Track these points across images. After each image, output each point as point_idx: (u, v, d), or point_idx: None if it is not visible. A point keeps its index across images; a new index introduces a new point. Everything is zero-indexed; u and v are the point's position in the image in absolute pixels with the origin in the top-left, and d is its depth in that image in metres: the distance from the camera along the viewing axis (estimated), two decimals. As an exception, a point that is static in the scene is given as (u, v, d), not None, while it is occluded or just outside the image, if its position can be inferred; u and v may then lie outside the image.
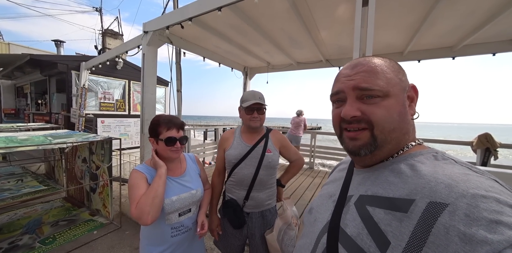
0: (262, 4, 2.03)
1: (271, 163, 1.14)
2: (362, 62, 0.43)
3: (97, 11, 9.93)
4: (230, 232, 1.17)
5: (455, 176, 0.31)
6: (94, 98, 5.50)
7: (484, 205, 0.26)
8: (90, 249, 2.03)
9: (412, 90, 0.43)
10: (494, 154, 3.00)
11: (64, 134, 2.49)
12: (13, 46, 8.63)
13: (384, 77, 0.40)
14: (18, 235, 2.21)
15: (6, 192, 2.51)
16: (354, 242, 0.35)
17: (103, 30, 7.21)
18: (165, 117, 1.01)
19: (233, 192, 1.18)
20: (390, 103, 0.40)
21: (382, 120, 0.39)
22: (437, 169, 0.34)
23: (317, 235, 0.44)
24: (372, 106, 0.40)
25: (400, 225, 0.31)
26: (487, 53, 2.91)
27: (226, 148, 1.21)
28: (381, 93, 0.40)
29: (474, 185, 0.29)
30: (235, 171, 1.15)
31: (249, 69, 4.80)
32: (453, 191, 0.29)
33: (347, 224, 0.38)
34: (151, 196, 0.84)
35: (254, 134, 1.20)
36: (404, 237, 0.30)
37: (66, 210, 2.81)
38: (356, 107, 0.41)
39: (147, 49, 2.64)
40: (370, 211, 0.36)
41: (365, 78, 0.41)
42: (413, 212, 0.30)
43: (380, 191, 0.37)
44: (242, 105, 1.16)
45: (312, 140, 4.77)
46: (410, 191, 0.33)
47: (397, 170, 0.38)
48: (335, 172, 0.59)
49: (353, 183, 0.45)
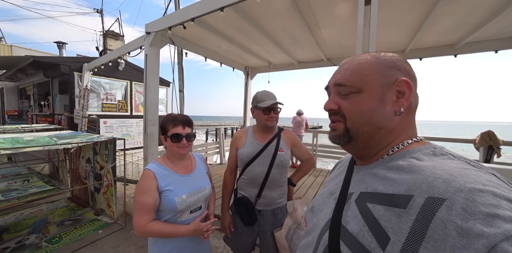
0: (264, 4, 2.04)
1: (283, 162, 1.16)
2: (348, 60, 0.46)
3: (98, 13, 9.99)
4: (242, 229, 1.19)
5: (453, 170, 0.31)
6: (96, 99, 5.54)
7: (481, 199, 0.26)
8: (96, 248, 2.06)
9: (404, 85, 0.41)
10: (497, 152, 2.99)
11: (69, 135, 2.51)
12: (15, 48, 8.69)
13: (360, 73, 0.42)
14: (25, 235, 2.23)
15: (14, 192, 2.54)
16: (356, 239, 0.36)
17: (104, 32, 7.25)
18: (173, 115, 1.03)
19: (245, 190, 1.20)
20: (362, 98, 0.42)
21: (352, 114, 0.43)
22: (435, 164, 0.34)
23: (319, 232, 0.45)
24: (345, 101, 0.44)
25: (399, 221, 0.31)
26: (490, 50, 2.91)
27: (239, 147, 1.23)
28: (354, 88, 0.42)
29: (472, 179, 0.29)
30: (248, 169, 1.17)
31: (250, 69, 4.81)
32: (450, 185, 0.29)
33: (348, 221, 0.39)
34: (158, 234, 0.90)
35: (267, 133, 1.22)
36: (404, 233, 0.30)
37: (71, 210, 2.84)
38: (334, 101, 0.45)
39: (149, 50, 2.66)
40: (371, 208, 0.36)
41: (343, 75, 0.44)
42: (411, 208, 0.31)
43: (379, 188, 0.38)
44: (258, 105, 1.16)
45: (314, 139, 4.78)
46: (409, 187, 0.33)
47: (396, 166, 0.39)
48: (336, 170, 0.60)
49: (353, 181, 0.46)
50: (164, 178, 0.96)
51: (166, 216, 0.96)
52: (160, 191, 0.94)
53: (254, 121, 1.31)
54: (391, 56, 0.44)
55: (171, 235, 0.93)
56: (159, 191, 0.93)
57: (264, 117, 1.16)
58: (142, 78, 2.73)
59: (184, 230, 0.93)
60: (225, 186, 1.26)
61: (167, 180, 0.96)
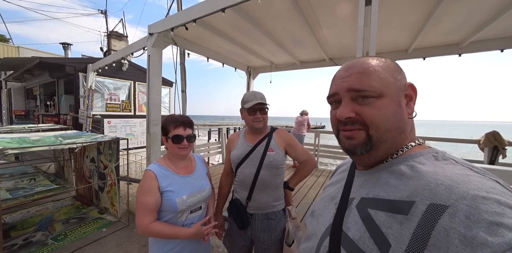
0: (265, 4, 2.04)
1: (273, 163, 1.11)
2: (356, 64, 0.43)
3: (102, 14, 10.10)
4: (236, 232, 1.17)
5: (456, 177, 0.30)
6: (100, 99, 5.61)
7: (485, 207, 0.26)
8: (100, 246, 2.10)
9: (410, 89, 0.42)
10: (502, 153, 2.94)
11: (74, 135, 2.56)
12: (22, 49, 8.86)
13: (378, 77, 0.40)
14: (32, 232, 2.29)
15: (21, 190, 2.60)
16: (356, 246, 0.35)
17: (108, 32, 7.33)
18: (174, 116, 1.04)
19: (237, 192, 1.20)
20: (384, 103, 0.40)
21: (376, 120, 0.40)
22: (437, 169, 0.33)
23: (319, 238, 0.44)
24: (366, 107, 0.40)
25: (401, 227, 0.31)
26: (495, 49, 2.86)
27: (231, 149, 1.23)
28: (374, 93, 0.40)
29: (475, 186, 0.28)
30: (238, 171, 1.17)
31: (252, 69, 4.82)
32: (453, 192, 0.28)
33: (349, 227, 0.38)
34: (160, 235, 0.93)
35: (257, 134, 1.20)
36: (405, 240, 0.29)
37: (76, 208, 2.90)
38: (350, 108, 0.41)
39: (152, 51, 2.69)
40: (372, 214, 0.36)
41: (358, 80, 0.41)
42: (413, 215, 0.30)
43: (381, 194, 0.37)
44: (243, 106, 1.14)
45: (316, 139, 4.77)
46: (410, 193, 0.33)
47: (397, 171, 0.38)
48: (337, 174, 0.59)
49: (355, 186, 0.45)
50: (165, 178, 0.98)
51: (167, 216, 0.97)
52: (161, 191, 0.95)
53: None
54: (392, 61, 0.44)
55: (172, 237, 0.95)
56: (160, 192, 0.95)
57: (250, 118, 1.13)
58: (145, 78, 2.76)
59: (185, 233, 0.95)
60: (220, 188, 1.27)
61: (168, 181, 0.98)
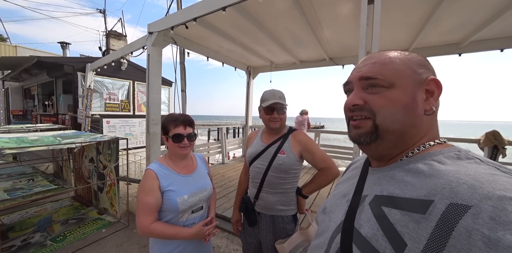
0: (266, 4, 2.03)
1: (282, 166, 1.07)
2: (374, 55, 0.43)
3: (100, 13, 10.05)
4: (247, 229, 1.21)
5: (480, 176, 0.29)
6: (99, 98, 5.58)
7: None
8: (100, 247, 2.08)
9: (432, 84, 0.40)
10: (502, 152, 2.95)
11: (72, 135, 2.54)
12: (20, 48, 8.78)
13: (392, 68, 0.40)
14: (30, 233, 2.26)
15: (19, 191, 2.57)
16: (369, 243, 0.34)
17: (107, 32, 7.30)
18: (174, 115, 1.03)
19: (250, 189, 1.23)
20: (394, 94, 0.39)
21: (383, 110, 0.39)
22: (459, 168, 0.32)
23: (330, 235, 0.43)
24: (374, 96, 0.40)
25: (418, 227, 0.30)
26: (495, 49, 2.87)
27: (248, 146, 1.27)
28: (385, 82, 0.39)
29: (502, 186, 0.27)
30: (250, 168, 1.20)
31: (252, 69, 4.81)
32: (476, 192, 0.27)
33: (362, 225, 0.38)
34: (161, 235, 0.92)
35: (273, 134, 1.18)
36: (422, 240, 0.29)
37: (75, 209, 2.87)
38: (359, 96, 0.42)
39: (152, 50, 2.67)
40: (386, 212, 0.35)
41: (371, 68, 0.41)
42: (431, 214, 0.29)
43: (396, 192, 0.36)
44: (261, 105, 1.13)
45: (316, 139, 4.76)
46: (429, 191, 0.32)
47: (415, 169, 0.37)
48: (349, 171, 0.58)
49: (368, 183, 0.44)
50: (166, 178, 0.96)
51: (168, 216, 0.96)
52: (162, 191, 0.94)
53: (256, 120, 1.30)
54: (419, 55, 0.43)
55: (173, 237, 0.94)
56: (161, 191, 0.94)
57: (266, 117, 1.12)
58: (144, 78, 2.74)
59: (186, 233, 0.94)
60: (239, 184, 1.31)
61: (169, 180, 0.96)
